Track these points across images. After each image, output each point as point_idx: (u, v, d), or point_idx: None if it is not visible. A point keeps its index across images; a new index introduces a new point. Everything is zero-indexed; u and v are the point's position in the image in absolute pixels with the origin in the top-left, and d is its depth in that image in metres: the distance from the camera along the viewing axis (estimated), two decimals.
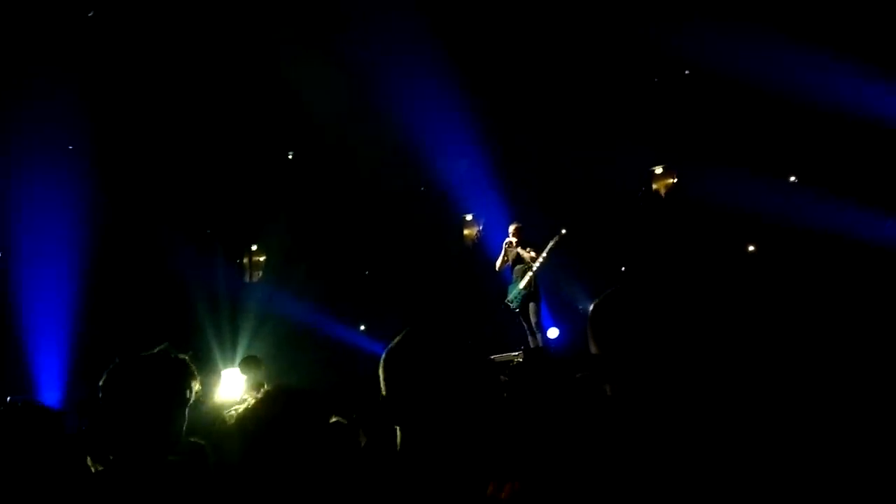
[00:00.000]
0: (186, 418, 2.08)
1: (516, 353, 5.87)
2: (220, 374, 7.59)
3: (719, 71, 8.09)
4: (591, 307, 1.80)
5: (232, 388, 6.48)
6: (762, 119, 8.58)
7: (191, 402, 2.02)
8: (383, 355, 1.54)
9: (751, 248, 9.06)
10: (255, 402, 1.97)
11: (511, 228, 7.48)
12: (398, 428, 1.52)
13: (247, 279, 10.92)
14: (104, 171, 9.32)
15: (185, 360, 2.03)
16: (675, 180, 9.94)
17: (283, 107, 9.76)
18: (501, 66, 9.05)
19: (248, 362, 6.24)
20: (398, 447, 1.50)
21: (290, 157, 10.87)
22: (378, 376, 1.55)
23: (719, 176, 8.54)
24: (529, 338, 7.18)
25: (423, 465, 1.40)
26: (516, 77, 9.12)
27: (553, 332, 7.73)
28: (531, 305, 7.15)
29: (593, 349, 1.76)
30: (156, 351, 2.02)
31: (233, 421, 2.39)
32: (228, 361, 8.97)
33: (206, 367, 7.81)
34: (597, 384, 1.83)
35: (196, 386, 2.17)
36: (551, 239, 7.30)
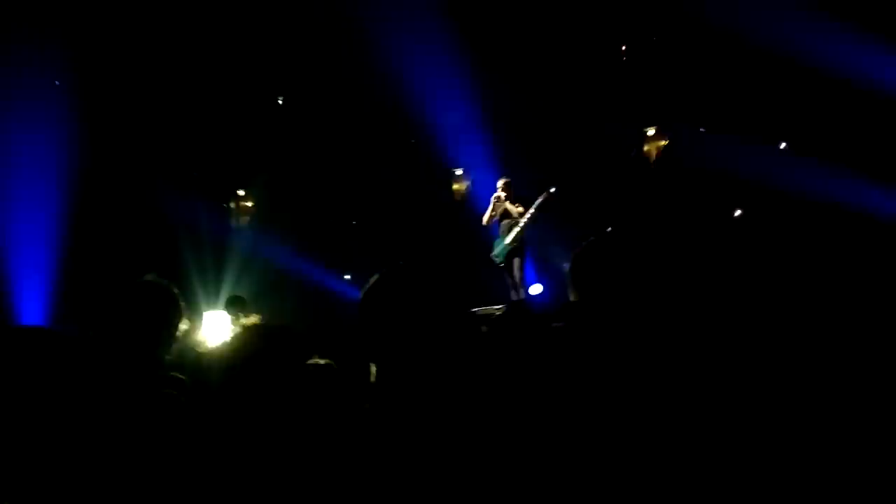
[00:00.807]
0: (172, 347, 2.11)
1: (498, 308, 5.93)
2: (202, 315, 7.63)
3: (718, 32, 8.00)
4: (572, 256, 1.83)
5: (214, 330, 6.52)
6: (758, 82, 8.53)
7: (177, 330, 2.05)
8: (362, 292, 1.55)
9: (737, 212, 9.12)
10: (236, 336, 2.01)
11: (500, 183, 7.47)
12: (373, 365, 1.54)
13: (233, 223, 10.87)
14: (92, 107, 9.17)
15: (174, 289, 2.06)
16: (667, 142, 9.92)
17: (275, 51, 9.57)
18: (497, 18, 8.88)
19: (234, 302, 6.24)
20: (371, 384, 1.53)
21: (280, 102, 10.71)
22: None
23: (713, 139, 8.54)
24: (512, 293, 7.24)
25: (394, 402, 1.42)
26: (512, 30, 8.97)
27: (536, 289, 7.81)
28: (516, 261, 7.20)
29: (572, 296, 1.79)
30: (146, 278, 2.05)
31: (214, 354, 2.42)
32: (212, 304, 9.00)
33: (190, 308, 7.82)
34: (573, 333, 1.87)
35: (182, 318, 2.20)
36: (540, 196, 7.31)
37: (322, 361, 2.75)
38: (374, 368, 1.55)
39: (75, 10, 8.28)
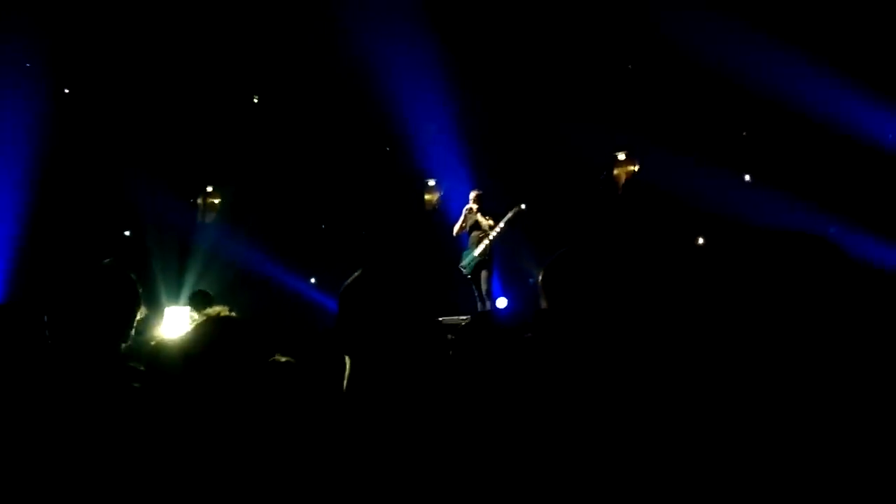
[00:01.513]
0: (130, 336, 2.07)
1: (464, 318, 5.94)
2: (163, 310, 7.50)
3: (694, 64, 8.20)
4: (545, 265, 1.85)
5: (175, 326, 6.41)
6: (729, 115, 8.76)
7: (134, 317, 2.01)
8: (342, 288, 1.58)
9: (700, 240, 9.32)
10: (197, 325, 1.98)
11: (472, 195, 7.51)
12: (347, 359, 1.56)
13: (200, 219, 10.71)
14: (64, 95, 9.02)
15: (131, 274, 2.01)
16: (637, 168, 10.11)
17: (253, 51, 9.53)
18: (476, 31, 8.97)
19: (198, 297, 6.15)
20: (346, 377, 1.54)
21: (255, 101, 10.64)
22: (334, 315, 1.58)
23: (680, 168, 8.72)
24: (479, 304, 7.27)
25: (367, 393, 1.45)
26: (490, 45, 9.07)
27: (501, 302, 7.85)
28: (483, 273, 7.24)
29: (543, 304, 1.82)
30: (105, 262, 2.00)
31: (173, 344, 2.38)
32: (174, 300, 8.84)
33: (151, 303, 7.70)
34: (544, 340, 1.89)
35: (140, 306, 2.16)
36: (510, 210, 7.37)
37: (283, 359, 2.73)
38: (348, 361, 1.57)
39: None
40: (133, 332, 2.17)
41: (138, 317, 2.19)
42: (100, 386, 1.90)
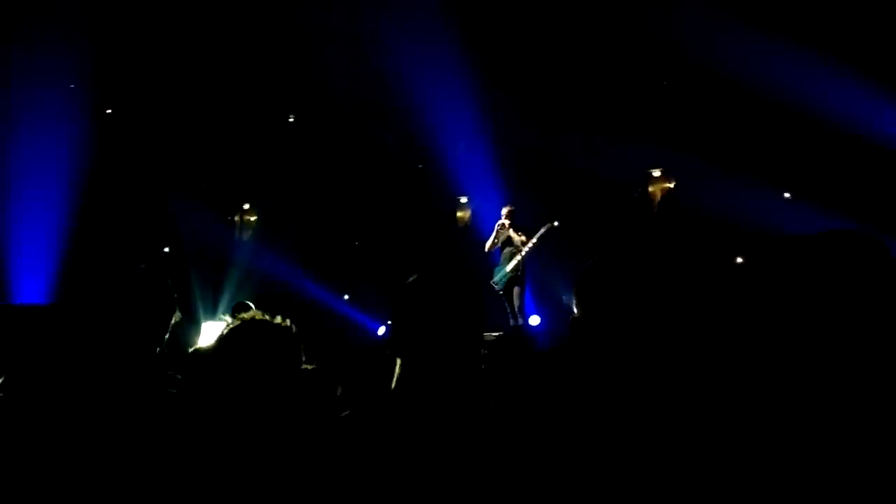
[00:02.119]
0: (165, 341, 2.10)
1: (497, 334, 5.91)
2: (201, 326, 7.60)
3: (733, 80, 8.11)
4: (580, 272, 1.84)
5: (213, 339, 6.46)
6: (767, 131, 8.61)
7: (171, 322, 2.04)
8: (398, 290, 1.62)
9: (739, 259, 9.12)
10: (231, 329, 1.98)
11: (504, 210, 7.50)
12: (398, 360, 1.58)
13: (237, 237, 10.89)
14: (106, 112, 9.31)
15: (166, 279, 2.05)
16: (672, 185, 9.99)
17: (291, 71, 9.71)
18: (511, 50, 9.01)
19: (240, 308, 6.23)
20: (396, 376, 1.56)
21: (291, 120, 10.82)
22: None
23: (719, 185, 8.59)
24: (511, 321, 7.23)
25: (415, 394, 1.46)
26: (525, 63, 9.09)
27: (535, 320, 7.78)
28: (516, 289, 7.20)
29: (577, 311, 1.80)
30: (140, 267, 2.05)
31: (209, 349, 2.39)
32: (211, 315, 8.96)
33: (190, 318, 7.83)
34: (577, 346, 1.87)
35: (176, 311, 2.19)
36: (543, 226, 7.33)
37: (309, 367, 2.74)
38: (398, 363, 1.60)
39: (94, 16, 8.44)
40: (168, 336, 2.21)
41: (173, 321, 2.22)
42: (135, 389, 1.92)
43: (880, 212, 7.27)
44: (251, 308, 6.25)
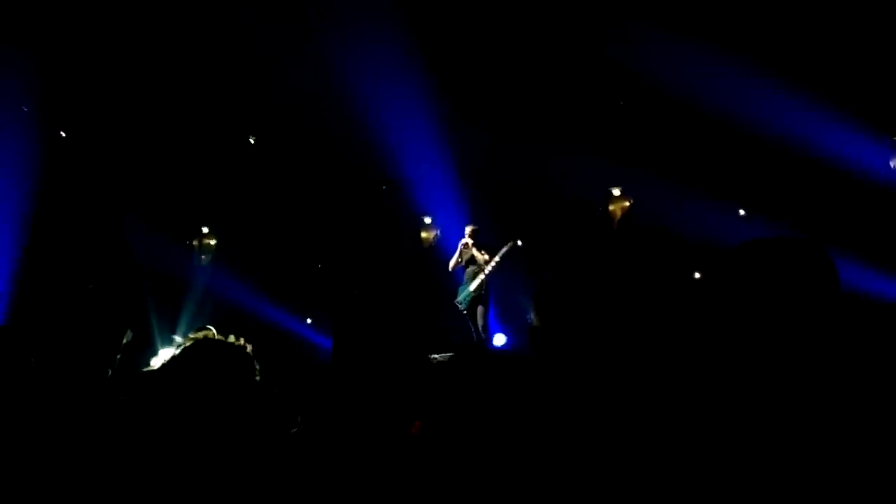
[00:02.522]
0: (117, 361, 2.06)
1: (450, 354, 5.88)
2: (159, 352, 7.42)
3: (689, 101, 8.32)
4: (538, 283, 1.84)
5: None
6: (723, 150, 8.85)
7: (122, 341, 2.01)
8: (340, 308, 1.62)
9: (696, 274, 9.30)
10: (182, 350, 1.96)
11: (468, 230, 7.52)
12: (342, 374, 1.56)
13: (196, 261, 10.70)
14: (62, 135, 9.13)
15: (118, 298, 2.03)
16: (631, 203, 10.17)
17: (250, 92, 9.65)
18: (472, 70, 9.12)
19: (200, 331, 6.09)
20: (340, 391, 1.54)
21: (252, 141, 10.73)
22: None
23: (677, 203, 8.77)
24: (476, 339, 7.20)
25: (360, 407, 1.44)
26: (486, 83, 9.20)
27: (500, 339, 7.78)
28: (479, 308, 7.19)
29: (535, 322, 1.80)
30: (88, 288, 2.03)
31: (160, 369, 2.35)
32: (168, 342, 8.75)
33: (147, 344, 7.63)
34: (536, 355, 1.86)
35: (127, 331, 2.16)
36: (505, 245, 7.37)
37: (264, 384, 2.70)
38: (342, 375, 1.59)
39: (46, 38, 8.30)
40: (120, 357, 2.16)
41: (125, 341, 2.18)
42: (84, 408, 1.87)
43: (830, 226, 7.50)
44: (210, 330, 6.15)
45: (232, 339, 2.05)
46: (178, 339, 5.79)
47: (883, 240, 7.81)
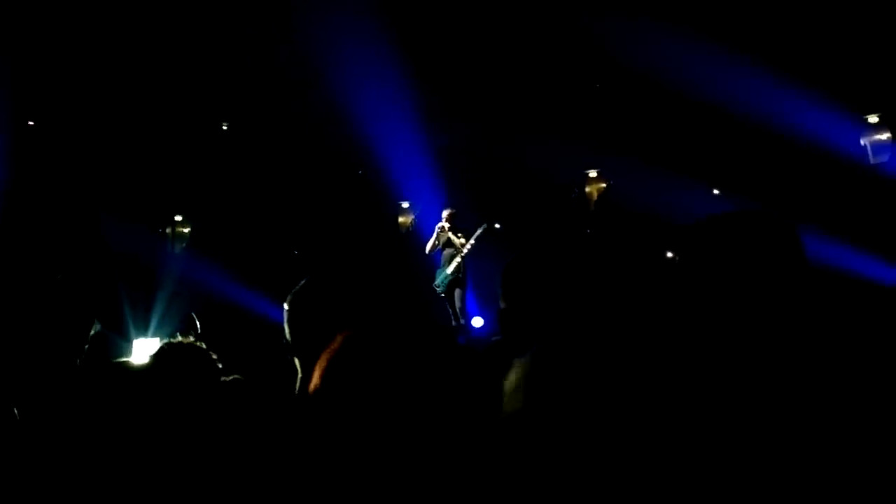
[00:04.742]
0: (84, 351, 2.04)
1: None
2: (132, 343, 7.34)
3: (662, 81, 8.34)
4: (504, 266, 1.83)
5: (144, 358, 6.24)
6: (698, 131, 8.90)
7: (89, 332, 1.99)
8: (288, 299, 1.60)
9: (669, 254, 9.39)
10: (151, 357, 1.99)
11: (445, 213, 7.53)
12: (297, 360, 1.55)
13: (169, 249, 10.56)
14: (30, 123, 8.94)
15: (84, 288, 2.00)
16: (607, 185, 10.22)
17: (222, 77, 9.51)
18: (448, 53, 9.06)
19: (189, 322, 6.08)
20: (298, 377, 1.53)
21: (224, 127, 10.58)
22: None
23: (652, 184, 8.82)
24: (453, 322, 7.23)
25: (318, 396, 1.42)
26: (463, 66, 9.16)
27: (477, 321, 7.81)
28: (457, 291, 7.23)
29: (502, 304, 1.79)
30: (55, 278, 1.99)
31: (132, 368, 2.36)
32: (142, 332, 8.65)
33: (120, 334, 7.54)
34: (505, 339, 1.86)
35: (94, 321, 2.13)
36: (479, 227, 7.39)
37: (229, 378, 2.73)
38: (298, 364, 1.57)
39: (12, 24, 8.09)
40: (88, 347, 2.13)
41: (92, 332, 2.16)
42: (51, 401, 1.85)
43: (803, 206, 7.60)
44: (195, 322, 6.11)
45: (190, 339, 2.10)
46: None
47: (855, 218, 7.94)
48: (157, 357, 2.11)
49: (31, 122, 9.58)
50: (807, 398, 1.24)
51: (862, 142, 8.53)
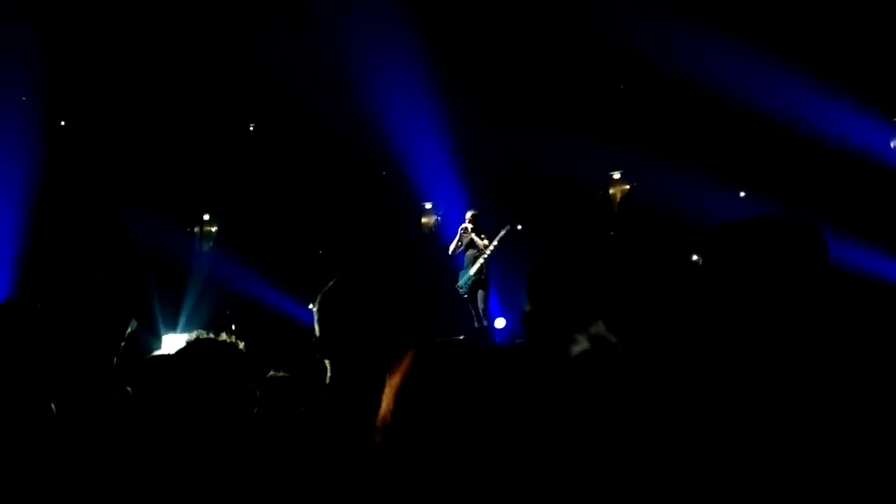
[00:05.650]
0: (121, 349, 2.08)
1: (460, 337, 5.91)
2: (161, 339, 7.48)
3: (689, 82, 8.28)
4: (530, 268, 1.85)
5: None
6: (724, 132, 8.81)
7: (126, 330, 2.04)
8: (319, 297, 1.60)
9: (695, 257, 9.29)
10: (181, 350, 2.00)
11: (468, 215, 7.55)
12: (328, 362, 1.57)
13: (197, 248, 10.72)
14: (60, 125, 9.14)
15: (122, 288, 2.04)
16: (631, 187, 10.14)
17: (250, 79, 9.64)
18: (473, 55, 9.08)
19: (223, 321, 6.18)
20: (328, 379, 1.55)
21: (251, 128, 10.72)
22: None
23: (678, 186, 8.75)
24: (476, 324, 7.26)
25: (347, 393, 1.45)
26: (488, 68, 9.17)
27: (500, 322, 7.82)
28: (480, 292, 7.24)
29: (527, 307, 1.81)
30: (93, 277, 2.04)
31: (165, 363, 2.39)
32: (171, 328, 8.81)
33: (150, 331, 7.69)
34: (530, 342, 1.88)
35: (131, 320, 2.18)
36: (502, 229, 7.40)
37: (279, 374, 2.75)
38: (328, 365, 1.58)
39: (46, 25, 8.28)
40: (124, 345, 2.18)
41: (129, 330, 2.21)
42: (87, 399, 1.90)
43: (831, 208, 7.50)
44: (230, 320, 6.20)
45: (224, 337, 2.09)
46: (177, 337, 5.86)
47: (885, 221, 7.80)
48: (184, 350, 2.09)
49: (62, 123, 9.79)
50: (826, 401, 1.26)
51: (892, 144, 8.38)
